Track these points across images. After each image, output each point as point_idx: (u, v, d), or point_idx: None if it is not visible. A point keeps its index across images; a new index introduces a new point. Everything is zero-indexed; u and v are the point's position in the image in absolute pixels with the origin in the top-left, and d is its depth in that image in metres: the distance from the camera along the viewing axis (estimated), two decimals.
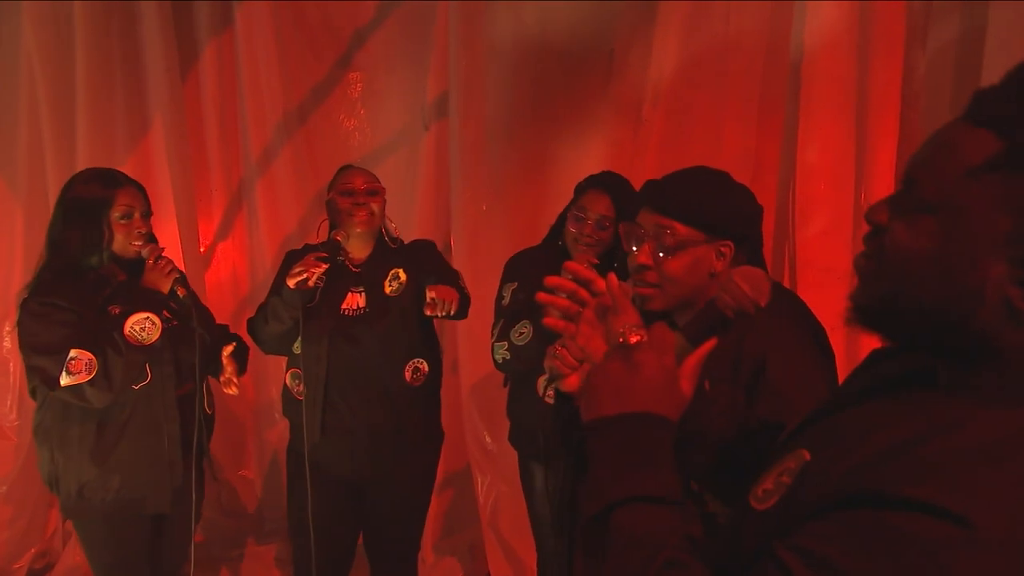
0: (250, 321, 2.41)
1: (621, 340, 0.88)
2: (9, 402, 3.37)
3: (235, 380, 2.35)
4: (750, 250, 1.64)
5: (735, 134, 2.94)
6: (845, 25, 2.67)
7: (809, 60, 2.78)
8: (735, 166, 2.52)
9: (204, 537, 3.50)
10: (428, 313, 2.19)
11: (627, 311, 1.00)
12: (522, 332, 2.25)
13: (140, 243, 2.17)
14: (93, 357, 2.02)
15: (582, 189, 2.36)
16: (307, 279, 2.17)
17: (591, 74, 3.20)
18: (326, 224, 2.42)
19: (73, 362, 2.00)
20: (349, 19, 3.51)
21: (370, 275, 2.37)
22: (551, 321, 1.01)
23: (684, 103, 2.98)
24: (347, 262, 2.36)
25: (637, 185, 2.43)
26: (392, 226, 2.44)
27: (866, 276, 0.79)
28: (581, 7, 3.14)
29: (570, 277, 1.04)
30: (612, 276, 1.04)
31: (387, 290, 2.35)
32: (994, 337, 0.69)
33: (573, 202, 2.37)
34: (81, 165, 3.18)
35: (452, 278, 2.38)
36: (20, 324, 2.07)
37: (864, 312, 0.78)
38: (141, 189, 2.23)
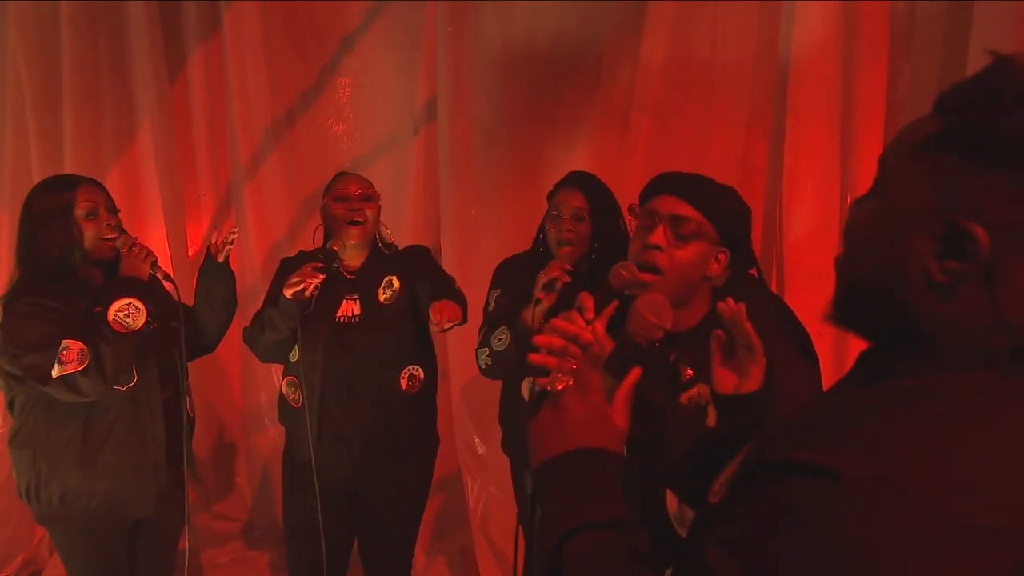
0: (246, 330, 2.40)
1: (548, 388, 0.94)
2: None
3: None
4: (740, 263, 1.64)
5: (722, 139, 2.96)
6: (831, 30, 2.69)
7: (796, 65, 2.80)
8: (722, 170, 2.55)
9: (194, 543, 3.49)
10: (435, 330, 2.19)
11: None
12: (500, 338, 2.27)
13: (113, 236, 2.17)
14: (84, 347, 2.01)
15: (553, 192, 2.39)
16: (304, 289, 2.17)
17: (579, 79, 3.21)
18: (321, 230, 2.41)
19: (65, 352, 2.00)
20: (337, 23, 3.51)
21: (365, 282, 2.36)
22: (545, 381, 1.01)
23: (671, 108, 2.99)
24: (342, 269, 2.35)
25: (623, 188, 2.46)
26: (387, 232, 2.44)
27: (836, 270, 0.82)
28: (569, 12, 3.15)
29: (556, 334, 1.04)
30: (598, 327, 1.04)
31: (380, 298, 2.35)
32: (918, 311, 0.71)
33: (549, 209, 2.39)
34: (68, 170, 3.16)
35: (447, 285, 2.38)
36: (5, 327, 2.04)
37: (835, 307, 0.81)
38: (100, 186, 2.23)
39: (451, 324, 2.15)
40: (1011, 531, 0.57)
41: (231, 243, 2.33)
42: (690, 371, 1.49)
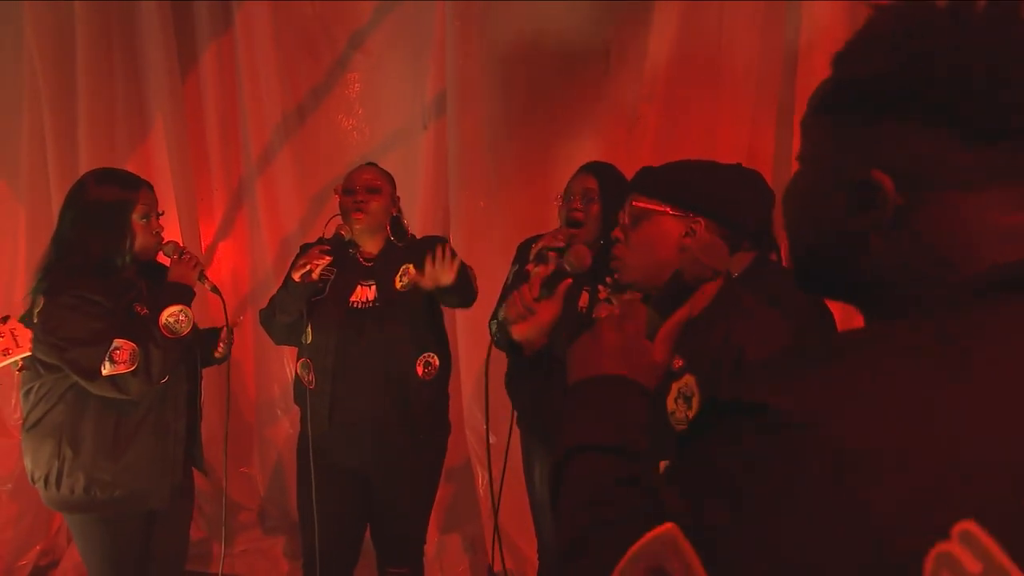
0: (262, 313, 2.47)
1: (594, 316, 0.96)
2: (14, 400, 3.38)
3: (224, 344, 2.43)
4: (760, 247, 1.64)
5: (729, 131, 2.99)
6: (839, 24, 2.71)
7: (804, 56, 2.82)
8: (730, 160, 2.58)
9: (207, 532, 3.54)
10: (428, 285, 2.19)
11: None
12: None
13: (162, 240, 2.23)
14: (136, 347, 2.05)
15: (570, 180, 2.43)
16: (311, 271, 2.23)
17: (587, 72, 3.24)
18: (336, 219, 2.45)
19: (117, 351, 2.03)
20: (347, 20, 3.55)
21: (381, 269, 2.40)
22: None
23: (679, 100, 3.02)
24: (358, 255, 2.40)
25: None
26: (405, 223, 2.48)
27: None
28: (577, 6, 3.18)
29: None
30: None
31: (397, 285, 2.39)
32: (860, 266, 0.73)
33: (563, 193, 2.43)
34: (83, 166, 3.22)
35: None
36: (49, 317, 2.03)
37: (795, 275, 0.82)
38: (152, 189, 2.26)
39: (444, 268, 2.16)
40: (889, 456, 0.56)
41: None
42: (680, 361, 1.50)
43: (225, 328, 2.42)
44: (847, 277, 0.75)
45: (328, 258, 2.25)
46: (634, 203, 1.53)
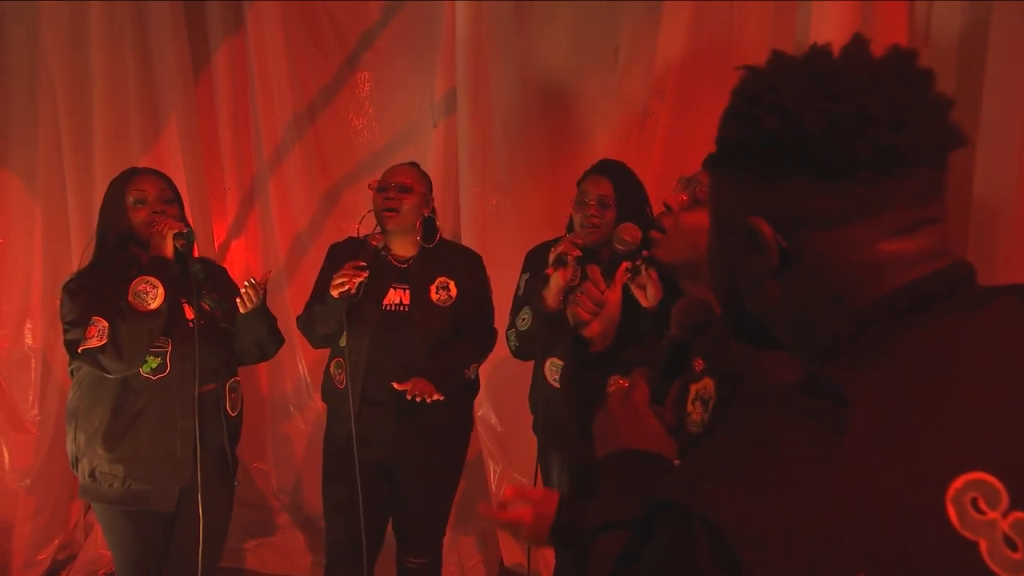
0: (299, 319, 2.53)
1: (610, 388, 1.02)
2: (31, 397, 3.42)
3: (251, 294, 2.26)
4: None
5: None
6: (848, 25, 2.72)
7: None
8: None
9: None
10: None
11: None
12: (524, 318, 2.38)
13: (156, 221, 2.24)
14: (106, 324, 2.10)
15: (582, 179, 2.42)
16: (349, 289, 2.27)
17: (597, 69, 3.25)
18: (369, 217, 2.48)
19: (90, 327, 2.10)
20: (357, 19, 3.57)
21: (415, 274, 2.45)
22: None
23: (689, 98, 3.03)
24: (390, 257, 2.43)
25: (642, 176, 2.51)
26: (438, 226, 2.52)
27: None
28: (586, 4, 3.21)
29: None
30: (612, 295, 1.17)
31: (434, 297, 2.43)
32: (766, 315, 0.75)
33: (577, 195, 2.42)
34: (97, 165, 3.26)
35: (483, 321, 2.53)
36: (60, 305, 2.22)
37: (729, 330, 0.82)
38: (161, 177, 2.33)
39: (420, 398, 2.28)
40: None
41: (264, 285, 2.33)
42: (701, 362, 1.44)
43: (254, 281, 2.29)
44: (762, 323, 0.76)
45: (365, 274, 2.29)
46: (702, 184, 1.38)
